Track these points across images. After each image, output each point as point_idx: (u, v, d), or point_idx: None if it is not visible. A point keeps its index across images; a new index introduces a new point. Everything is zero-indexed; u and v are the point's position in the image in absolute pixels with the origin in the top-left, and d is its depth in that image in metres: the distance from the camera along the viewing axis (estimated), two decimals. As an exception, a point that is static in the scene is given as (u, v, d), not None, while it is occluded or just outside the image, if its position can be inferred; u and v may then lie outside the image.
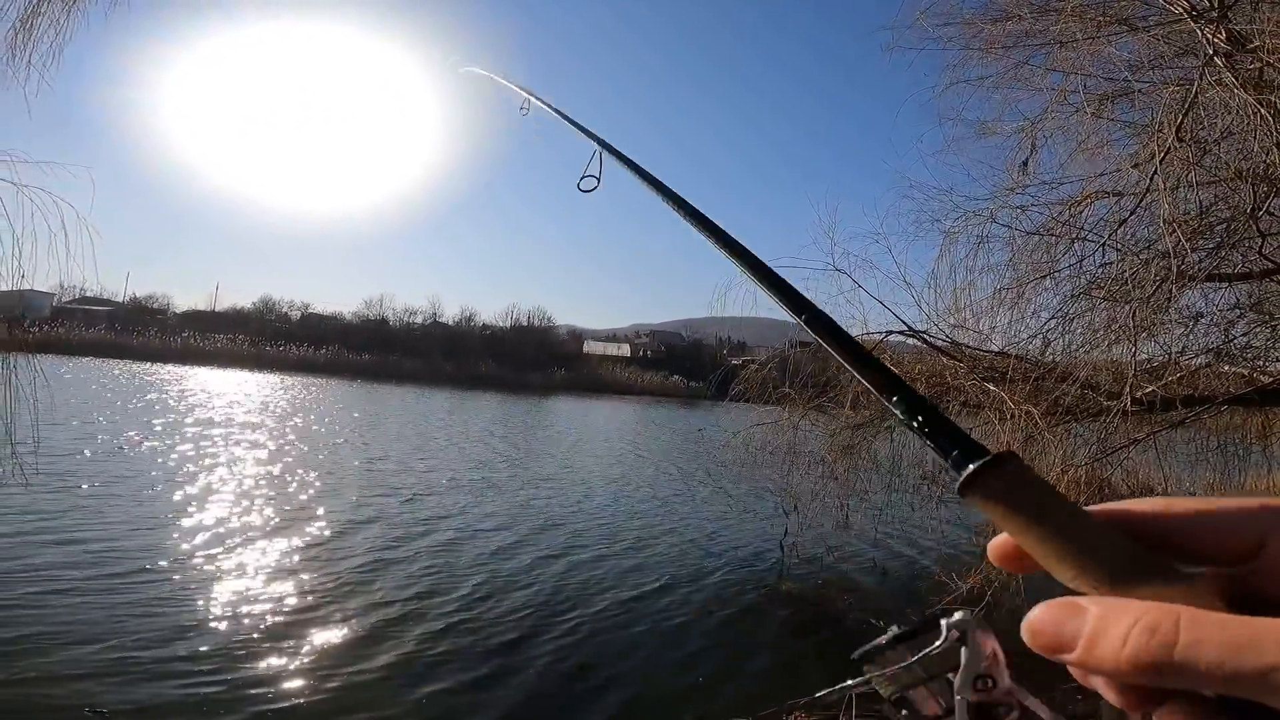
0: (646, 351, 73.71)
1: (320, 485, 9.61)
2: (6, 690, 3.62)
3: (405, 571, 6.17)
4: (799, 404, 6.27)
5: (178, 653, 4.22)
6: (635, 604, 5.93)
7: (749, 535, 8.67)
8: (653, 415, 33.79)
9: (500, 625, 5.17)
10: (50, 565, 5.41)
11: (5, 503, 6.59)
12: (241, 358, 43.65)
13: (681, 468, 14.79)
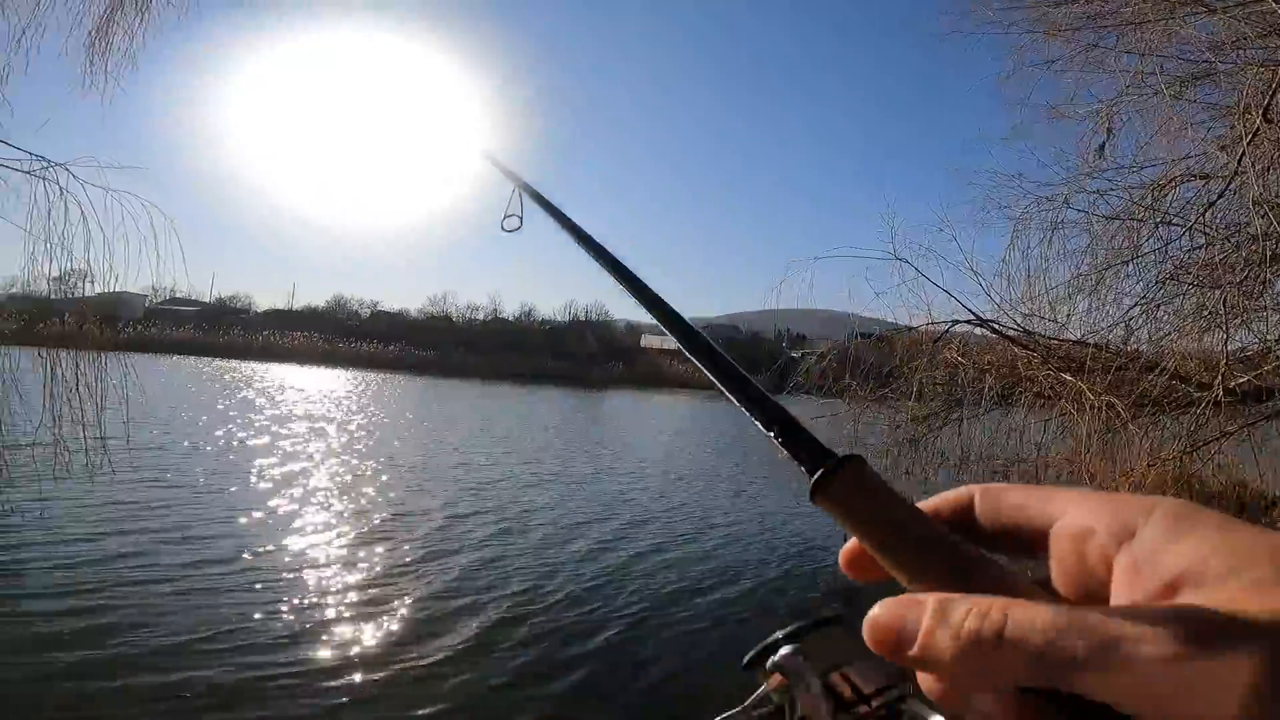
0: (704, 345, 73.20)
1: (398, 479, 9.91)
2: (100, 672, 3.81)
3: (482, 564, 6.28)
4: (861, 396, 6.15)
5: (258, 639, 4.40)
6: (697, 597, 5.90)
7: (811, 528, 8.57)
8: (710, 408, 33.66)
9: (564, 617, 5.23)
10: (141, 554, 5.72)
11: (106, 495, 7.02)
12: (316, 354, 45.62)
13: (740, 460, 14.69)
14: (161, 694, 3.66)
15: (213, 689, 3.76)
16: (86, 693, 3.60)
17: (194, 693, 3.70)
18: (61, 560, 5.38)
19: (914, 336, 5.91)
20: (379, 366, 44.47)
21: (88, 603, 4.69)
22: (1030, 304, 5.26)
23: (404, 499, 8.57)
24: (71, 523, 6.19)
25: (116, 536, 6.05)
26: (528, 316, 64.00)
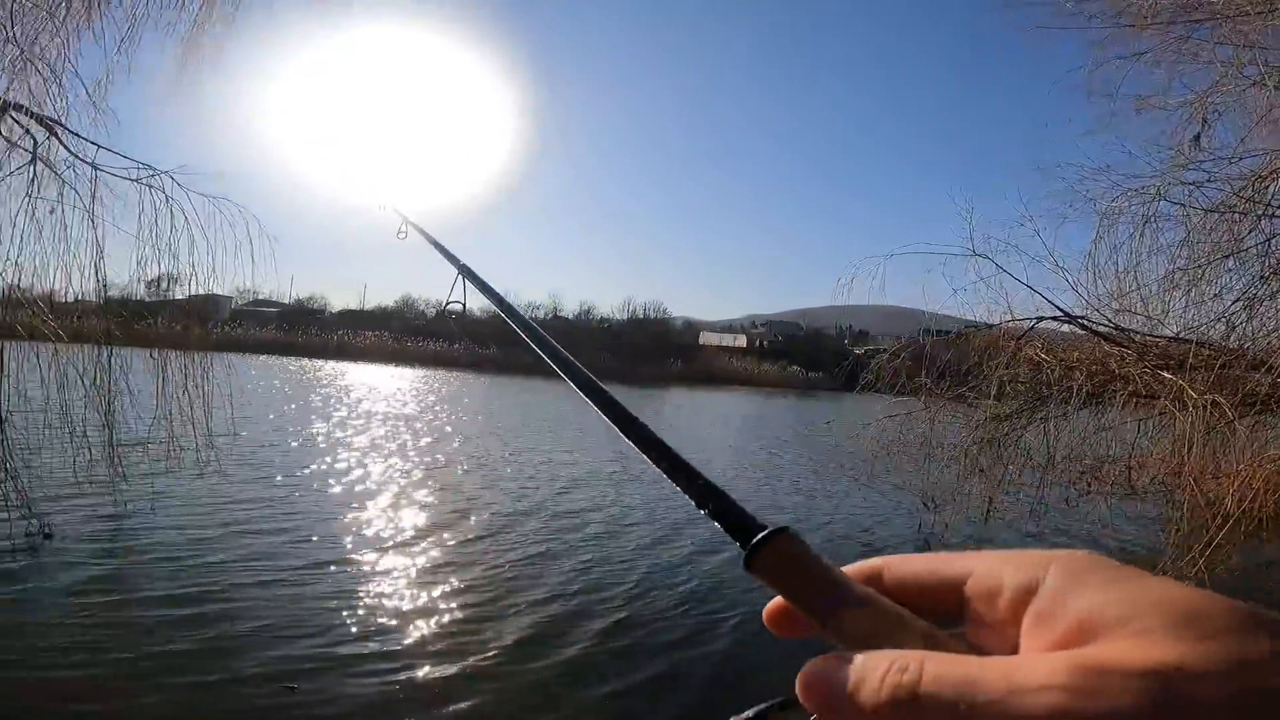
0: (763, 342, 72.59)
1: (480, 475, 10.15)
2: (209, 666, 3.93)
3: (566, 563, 6.32)
4: (936, 394, 6.03)
5: (355, 633, 4.49)
6: (747, 603, 5.80)
7: (884, 530, 8.41)
8: (772, 406, 33.31)
9: (640, 620, 5.20)
10: (246, 549, 5.89)
11: (213, 491, 7.40)
12: (386, 353, 47.28)
13: (808, 459, 14.53)
14: (263, 684, 3.77)
15: (310, 676, 3.88)
16: (190, 683, 3.72)
17: (300, 685, 3.80)
18: (170, 555, 5.59)
19: (993, 334, 5.76)
20: (445, 364, 45.72)
21: (194, 596, 4.85)
22: (1121, 300, 5.06)
23: (486, 496, 8.76)
24: (181, 518, 6.48)
25: (222, 532, 6.30)
26: (587, 315, 64.69)
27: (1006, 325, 5.60)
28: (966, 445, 5.87)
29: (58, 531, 5.61)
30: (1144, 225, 4.83)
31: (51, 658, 3.83)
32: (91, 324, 5.01)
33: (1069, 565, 0.27)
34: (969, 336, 5.87)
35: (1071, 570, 0.27)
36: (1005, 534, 7.70)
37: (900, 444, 6.52)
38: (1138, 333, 4.83)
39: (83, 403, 4.95)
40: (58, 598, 4.60)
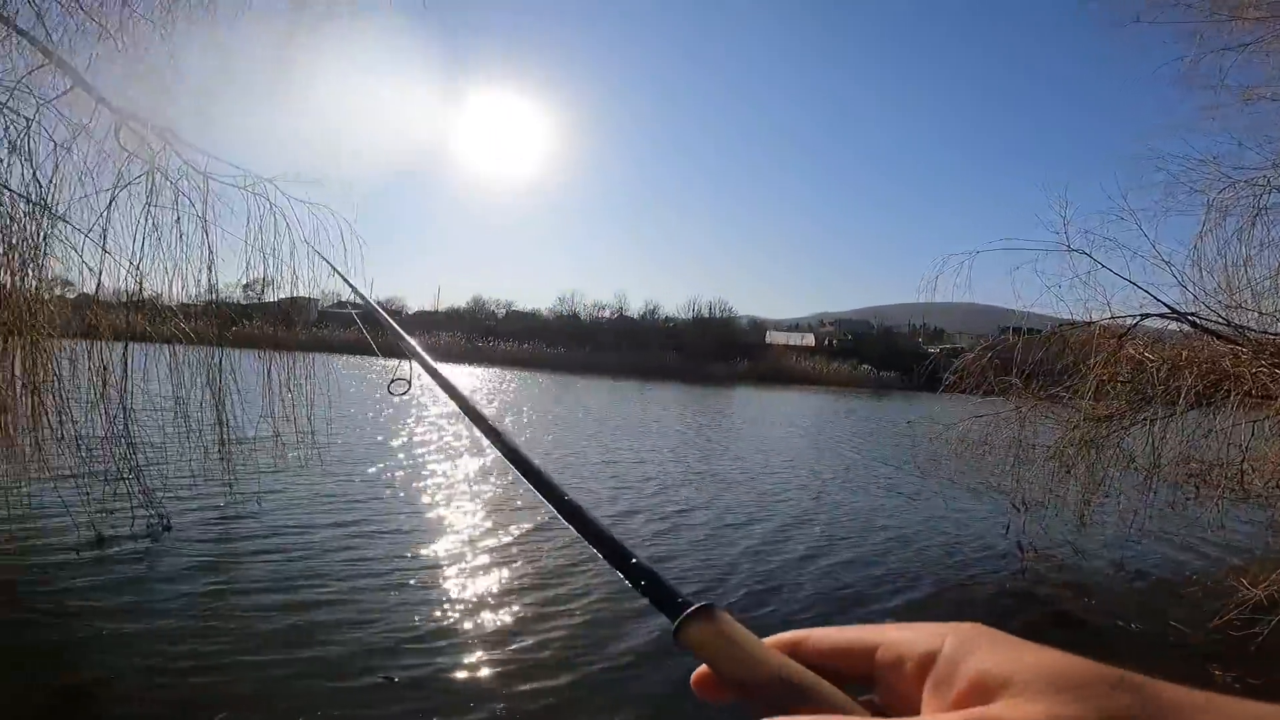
0: (832, 340, 71.08)
1: (568, 474, 10.39)
2: (311, 653, 4.07)
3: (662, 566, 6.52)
4: (1028, 394, 5.80)
5: (451, 625, 4.63)
6: (855, 604, 5.73)
7: (969, 533, 8.14)
8: (844, 406, 32.55)
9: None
10: (342, 542, 6.13)
11: (313, 487, 7.81)
12: (459, 353, 48.76)
13: (886, 460, 14.18)
14: (362, 674, 3.89)
15: (408, 667, 4.00)
16: (292, 669, 3.88)
17: (400, 677, 3.92)
18: (274, 546, 5.90)
19: (1091, 331, 5.49)
20: (514, 364, 46.73)
21: (296, 586, 5.07)
22: (1230, 296, 4.76)
23: (589, 494, 8.93)
24: (285, 512, 6.85)
25: (322, 524, 6.61)
26: (652, 314, 64.88)
27: (1105, 323, 5.34)
28: (1061, 447, 5.63)
29: (176, 523, 6.01)
30: (1255, 218, 4.55)
31: (166, 640, 4.08)
32: (202, 326, 5.23)
33: (963, 636, 0.30)
34: (1064, 334, 5.62)
35: (965, 640, 0.30)
36: (1103, 538, 7.34)
37: (988, 445, 6.31)
38: (1252, 330, 4.53)
39: (198, 401, 5.29)
40: (174, 585, 4.90)
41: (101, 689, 3.58)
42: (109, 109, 4.55)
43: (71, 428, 4.84)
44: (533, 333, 56.67)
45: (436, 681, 3.90)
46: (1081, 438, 5.45)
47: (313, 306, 7.13)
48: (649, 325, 62.13)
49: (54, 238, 4.46)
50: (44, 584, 4.80)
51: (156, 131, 4.74)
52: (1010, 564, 6.97)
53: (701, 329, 60.52)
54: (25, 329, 4.39)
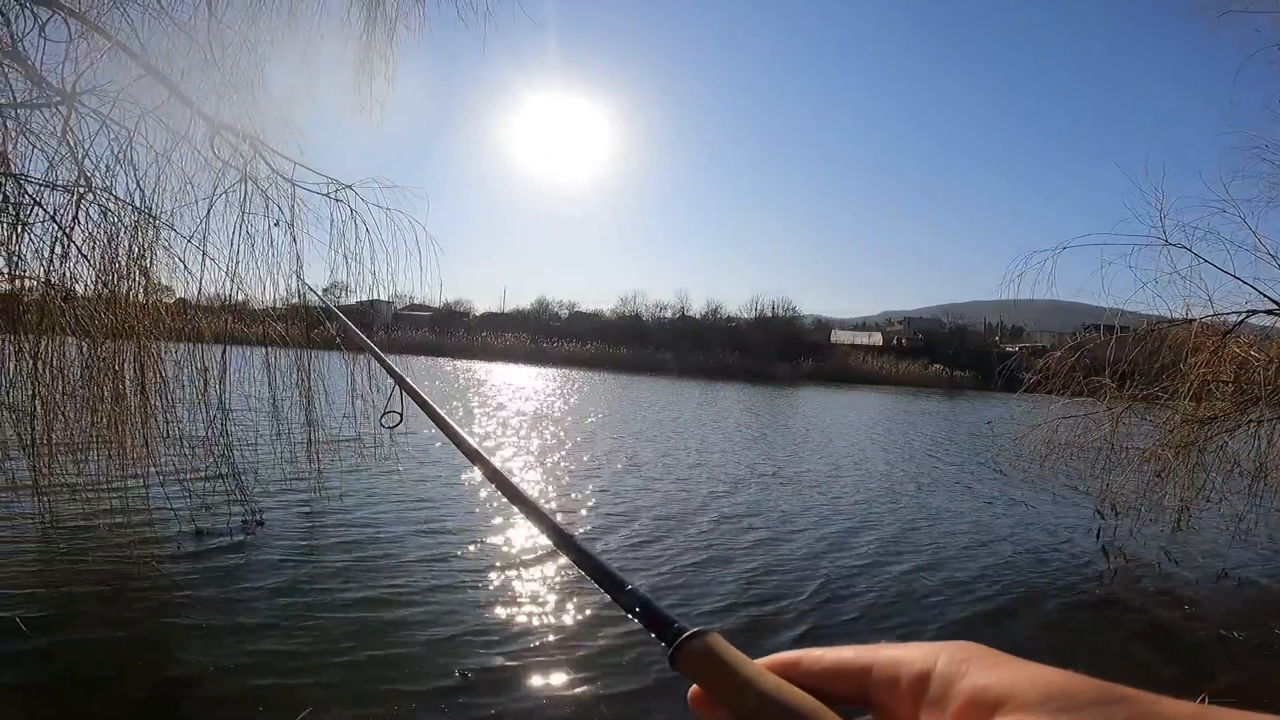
0: (901, 340, 68.99)
1: (637, 475, 10.40)
2: (391, 646, 4.21)
3: (731, 569, 6.31)
4: (1121, 395, 5.48)
5: (526, 623, 4.70)
6: (937, 609, 5.56)
7: (1055, 538, 7.77)
8: (916, 406, 31.54)
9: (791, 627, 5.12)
10: (421, 540, 6.32)
11: (390, 485, 8.10)
12: (524, 353, 49.75)
13: (964, 463, 13.69)
14: (439, 670, 4.01)
15: (483, 664, 4.09)
16: (373, 661, 4.03)
17: (474, 673, 4.02)
18: (358, 542, 6.13)
19: (1190, 329, 5.15)
20: (578, 364, 47.29)
21: (377, 581, 5.27)
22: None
23: (644, 497, 8.97)
24: (367, 509, 7.11)
25: (402, 522, 6.84)
26: (714, 314, 64.51)
27: (1207, 320, 5.00)
28: (1158, 449, 5.31)
29: (269, 520, 6.33)
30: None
31: (257, 634, 4.29)
32: (290, 329, 5.48)
33: (956, 655, 0.30)
34: (1161, 332, 5.29)
35: (959, 658, 0.30)
36: (1204, 545, 6.87)
37: (1075, 447, 6.00)
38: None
39: (286, 401, 5.57)
40: (265, 580, 5.15)
41: (197, 679, 3.77)
42: (203, 118, 4.73)
43: (175, 427, 5.19)
44: (595, 333, 57.22)
45: (510, 678, 3.98)
46: (1181, 440, 5.13)
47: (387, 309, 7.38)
48: (711, 325, 61.78)
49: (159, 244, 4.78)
50: (148, 576, 5.11)
51: (247, 139, 4.91)
52: (1099, 570, 6.64)
53: (764, 328, 59.78)
54: (134, 333, 4.72)
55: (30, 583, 4.76)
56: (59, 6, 4.10)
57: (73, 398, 4.49)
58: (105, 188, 4.37)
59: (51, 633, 4.11)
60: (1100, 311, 5.87)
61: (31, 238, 4.14)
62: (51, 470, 4.45)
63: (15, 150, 4.05)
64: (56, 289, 4.21)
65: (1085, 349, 5.80)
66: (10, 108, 4.04)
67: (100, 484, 4.98)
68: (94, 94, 4.24)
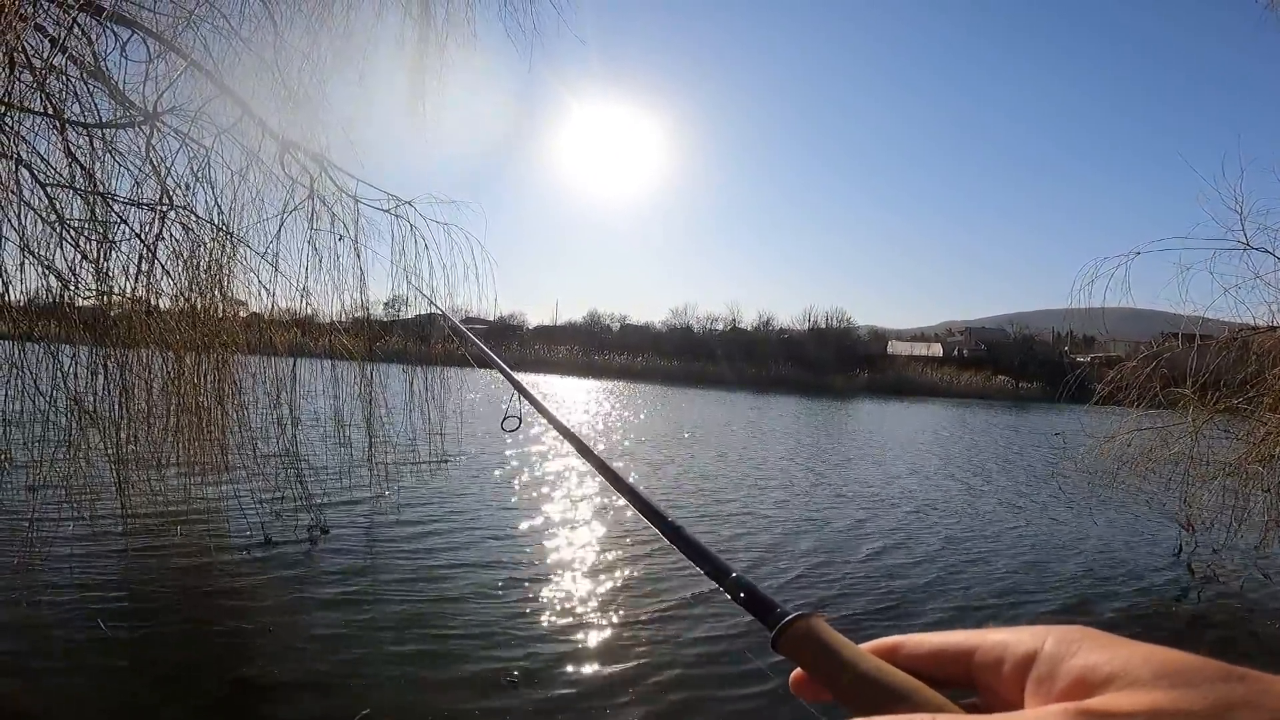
0: (962, 350, 66.83)
1: (694, 484, 10.49)
2: (441, 649, 4.31)
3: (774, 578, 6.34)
4: (1203, 405, 5.19)
5: (571, 630, 4.73)
6: (977, 621, 5.38)
7: (1133, 554, 7.41)
8: (979, 419, 30.45)
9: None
10: (473, 547, 6.42)
11: (447, 493, 8.30)
12: (577, 366, 50.20)
13: (1032, 476, 13.18)
14: (487, 673, 4.08)
15: (529, 669, 4.14)
16: (424, 663, 4.12)
17: (521, 674, 4.09)
18: (414, 549, 6.28)
19: (1276, 337, 4.85)
20: (629, 377, 47.40)
21: (432, 586, 5.40)
22: None
23: (707, 504, 9.02)
24: (424, 517, 7.29)
25: (457, 529, 7.00)
26: (766, 325, 63.80)
27: (1307, 325, 4.70)
28: (1243, 462, 4.99)
29: (332, 528, 6.50)
30: None
31: (319, 638, 4.43)
32: (355, 342, 5.56)
33: (1064, 635, 0.30)
34: (1245, 340, 5.00)
35: (1067, 639, 0.30)
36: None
37: (1152, 461, 5.70)
38: None
39: (349, 413, 5.66)
40: (328, 586, 5.30)
41: (262, 682, 3.90)
42: (273, 136, 4.89)
43: (249, 437, 5.42)
44: (646, 346, 57.32)
45: (559, 684, 4.01)
46: (1269, 453, 4.81)
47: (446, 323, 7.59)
48: (763, 336, 61.12)
49: (235, 260, 5.00)
50: (220, 581, 5.32)
51: (313, 157, 5.09)
52: (1180, 588, 6.30)
53: (818, 340, 58.78)
54: (213, 345, 4.96)
55: (110, 585, 4.99)
56: (138, 26, 4.29)
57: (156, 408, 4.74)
58: (186, 205, 4.60)
59: (130, 634, 4.31)
60: (1179, 319, 5.58)
61: (118, 254, 4.40)
62: (133, 477, 4.70)
63: (102, 168, 4.32)
64: (141, 303, 4.46)
65: (1163, 358, 5.52)
66: (97, 127, 4.31)
67: (178, 491, 5.24)
68: (174, 113, 4.42)
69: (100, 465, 4.52)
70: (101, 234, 4.21)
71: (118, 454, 4.48)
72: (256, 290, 5.01)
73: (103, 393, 4.32)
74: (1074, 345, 52.46)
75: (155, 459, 4.86)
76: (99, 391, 4.31)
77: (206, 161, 4.57)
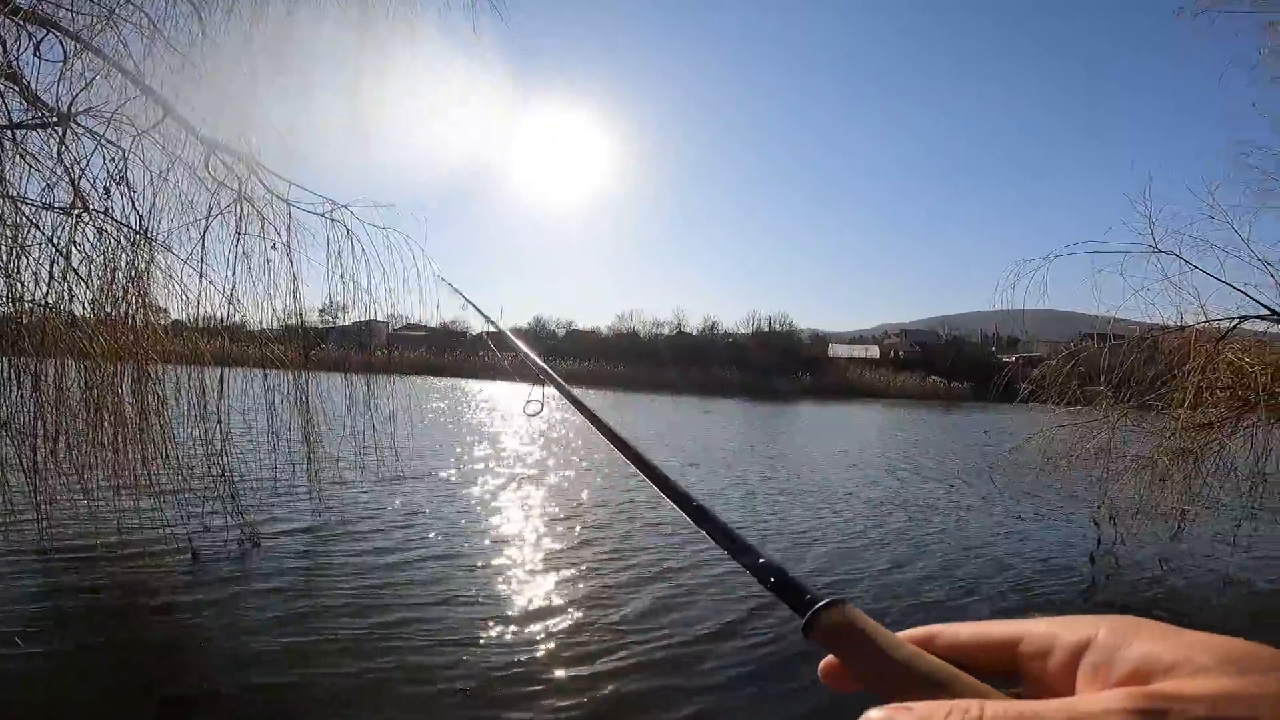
0: (898, 352, 69.13)
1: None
2: (386, 663, 4.20)
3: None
4: (1117, 403, 5.51)
5: (524, 640, 4.70)
6: (932, 618, 5.51)
7: (1053, 546, 7.76)
8: (913, 418, 31.56)
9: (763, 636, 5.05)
10: (419, 557, 6.29)
11: (390, 503, 8.17)
12: (522, 372, 49.70)
13: (959, 472, 13.68)
14: (439, 683, 4.01)
15: (482, 679, 4.08)
16: (371, 678, 4.02)
17: (472, 688, 4.01)
18: (355, 561, 6.13)
19: (1184, 336, 5.20)
20: (575, 382, 46.70)
21: (375, 599, 5.25)
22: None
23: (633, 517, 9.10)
24: (365, 527, 7.12)
25: (401, 540, 6.83)
26: (711, 330, 64.63)
27: (1200, 326, 5.04)
28: (1154, 457, 5.32)
29: (265, 540, 6.27)
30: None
31: (255, 655, 4.25)
32: (289, 351, 5.38)
33: (1119, 624, 0.29)
34: (1155, 339, 5.33)
35: (1122, 628, 0.29)
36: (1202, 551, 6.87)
37: (1071, 456, 6.02)
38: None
39: (285, 423, 5.48)
40: (262, 600, 5.10)
41: (198, 699, 3.76)
42: (198, 139, 4.72)
43: (173, 449, 5.15)
44: (593, 351, 57.24)
45: (512, 693, 3.96)
46: (1178, 447, 5.14)
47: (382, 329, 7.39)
48: (709, 340, 61.86)
49: (155, 266, 4.76)
50: (147, 596, 5.08)
51: (242, 160, 4.93)
52: (1097, 577, 6.64)
53: (762, 343, 59.85)
54: (132, 354, 4.70)
55: (28, 602, 4.73)
56: (55, 26, 4.08)
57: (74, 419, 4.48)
58: (102, 209, 4.37)
59: (48, 652, 4.08)
60: (1096, 320, 5.91)
61: (30, 260, 4.14)
62: (51, 490, 4.43)
63: (12, 171, 4.05)
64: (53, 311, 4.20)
65: (1080, 357, 5.83)
66: (7, 128, 4.05)
67: (99, 504, 4.95)
68: (90, 114, 4.22)
69: (15, 478, 4.25)
70: (11, 238, 3.95)
71: (35, 467, 4.21)
72: (180, 297, 4.77)
73: (16, 404, 4.07)
74: (1001, 346, 54.96)
75: (75, 470, 4.59)
76: (13, 403, 4.05)
77: (124, 163, 4.34)
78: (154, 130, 4.50)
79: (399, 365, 38.69)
